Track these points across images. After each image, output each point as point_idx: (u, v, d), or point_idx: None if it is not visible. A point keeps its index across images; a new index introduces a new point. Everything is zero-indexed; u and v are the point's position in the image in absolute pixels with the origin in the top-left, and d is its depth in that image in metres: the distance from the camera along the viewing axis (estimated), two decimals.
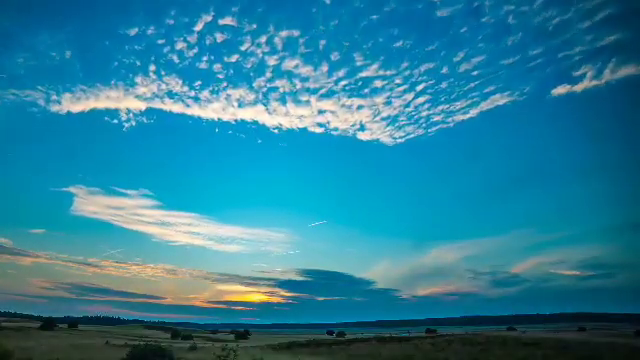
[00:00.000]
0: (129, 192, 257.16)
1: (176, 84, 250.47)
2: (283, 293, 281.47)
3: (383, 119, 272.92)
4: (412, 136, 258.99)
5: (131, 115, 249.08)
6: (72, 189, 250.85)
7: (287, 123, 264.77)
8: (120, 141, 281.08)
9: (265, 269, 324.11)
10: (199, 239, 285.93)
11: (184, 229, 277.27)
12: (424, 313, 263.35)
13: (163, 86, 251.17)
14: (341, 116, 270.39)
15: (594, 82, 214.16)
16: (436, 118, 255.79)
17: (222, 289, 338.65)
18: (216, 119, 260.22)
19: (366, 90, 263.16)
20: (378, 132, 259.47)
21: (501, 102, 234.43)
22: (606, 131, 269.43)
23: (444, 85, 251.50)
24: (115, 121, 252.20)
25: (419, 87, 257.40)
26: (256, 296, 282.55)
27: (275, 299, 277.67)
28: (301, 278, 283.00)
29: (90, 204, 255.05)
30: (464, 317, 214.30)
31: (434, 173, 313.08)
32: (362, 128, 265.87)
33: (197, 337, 54.62)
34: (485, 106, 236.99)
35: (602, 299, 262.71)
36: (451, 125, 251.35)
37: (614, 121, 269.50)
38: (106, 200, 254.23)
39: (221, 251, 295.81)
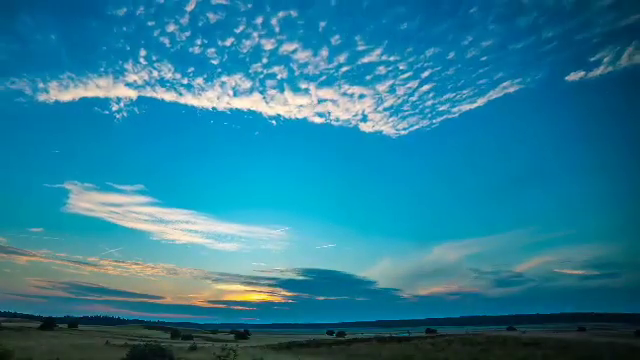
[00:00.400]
0: (124, 188, 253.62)
1: (168, 71, 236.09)
2: (283, 293, 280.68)
3: (386, 109, 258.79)
4: (416, 127, 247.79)
5: (122, 105, 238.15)
6: (67, 185, 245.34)
7: (285, 113, 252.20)
8: (112, 133, 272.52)
9: (264, 268, 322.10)
10: (197, 237, 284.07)
11: (182, 227, 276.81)
12: (425, 313, 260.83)
13: (155, 73, 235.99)
14: (342, 105, 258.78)
15: (610, 68, 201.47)
16: (441, 108, 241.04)
17: (222, 289, 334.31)
18: (210, 108, 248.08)
19: (368, 77, 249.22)
20: (381, 123, 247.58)
21: (511, 90, 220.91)
22: (617, 122, 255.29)
23: (450, 72, 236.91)
24: (106, 112, 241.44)
25: (424, 74, 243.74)
26: (256, 296, 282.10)
27: (275, 298, 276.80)
28: (301, 277, 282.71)
29: (85, 201, 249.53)
30: (466, 317, 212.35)
31: (437, 168, 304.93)
32: (364, 119, 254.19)
33: (197, 337, 54.62)
34: (494, 95, 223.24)
35: (608, 299, 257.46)
36: (456, 115, 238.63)
37: (626, 111, 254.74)
38: (101, 197, 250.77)
39: (220, 250, 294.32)
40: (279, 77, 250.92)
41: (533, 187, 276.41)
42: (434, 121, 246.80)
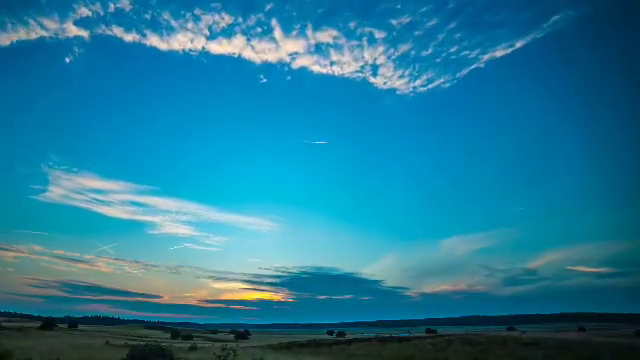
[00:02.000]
0: (101, 168, 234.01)
1: (126, 1, 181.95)
2: (283, 292, 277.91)
3: (399, 58, 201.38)
4: (435, 83, 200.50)
5: (76, 52, 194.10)
6: (44, 169, 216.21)
7: (277, 62, 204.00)
8: (68, 91, 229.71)
9: (264, 265, 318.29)
10: (190, 230, 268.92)
11: (172, 217, 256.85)
12: (429, 312, 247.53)
13: (110, 5, 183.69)
14: (347, 54, 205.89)
15: None
16: (470, 55, 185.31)
17: (219, 287, 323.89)
18: (181, 52, 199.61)
19: (380, 7, 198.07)
20: (394, 78, 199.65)
21: (563, 25, 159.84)
22: None
23: (484, 1, 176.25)
24: (59, 64, 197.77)
25: (450, 5, 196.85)
26: (256, 295, 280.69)
27: (275, 297, 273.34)
28: (301, 276, 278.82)
29: (66, 189, 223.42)
30: (466, 317, 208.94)
31: (446, 150, 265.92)
32: (375, 70, 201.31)
33: (197, 337, 54.61)
34: (537, 34, 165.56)
35: (619, 298, 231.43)
36: (482, 66, 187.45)
37: None
38: (81, 182, 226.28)
39: (216, 245, 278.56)
40: (267, 9, 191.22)
41: (556, 169, 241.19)
42: (458, 74, 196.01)
